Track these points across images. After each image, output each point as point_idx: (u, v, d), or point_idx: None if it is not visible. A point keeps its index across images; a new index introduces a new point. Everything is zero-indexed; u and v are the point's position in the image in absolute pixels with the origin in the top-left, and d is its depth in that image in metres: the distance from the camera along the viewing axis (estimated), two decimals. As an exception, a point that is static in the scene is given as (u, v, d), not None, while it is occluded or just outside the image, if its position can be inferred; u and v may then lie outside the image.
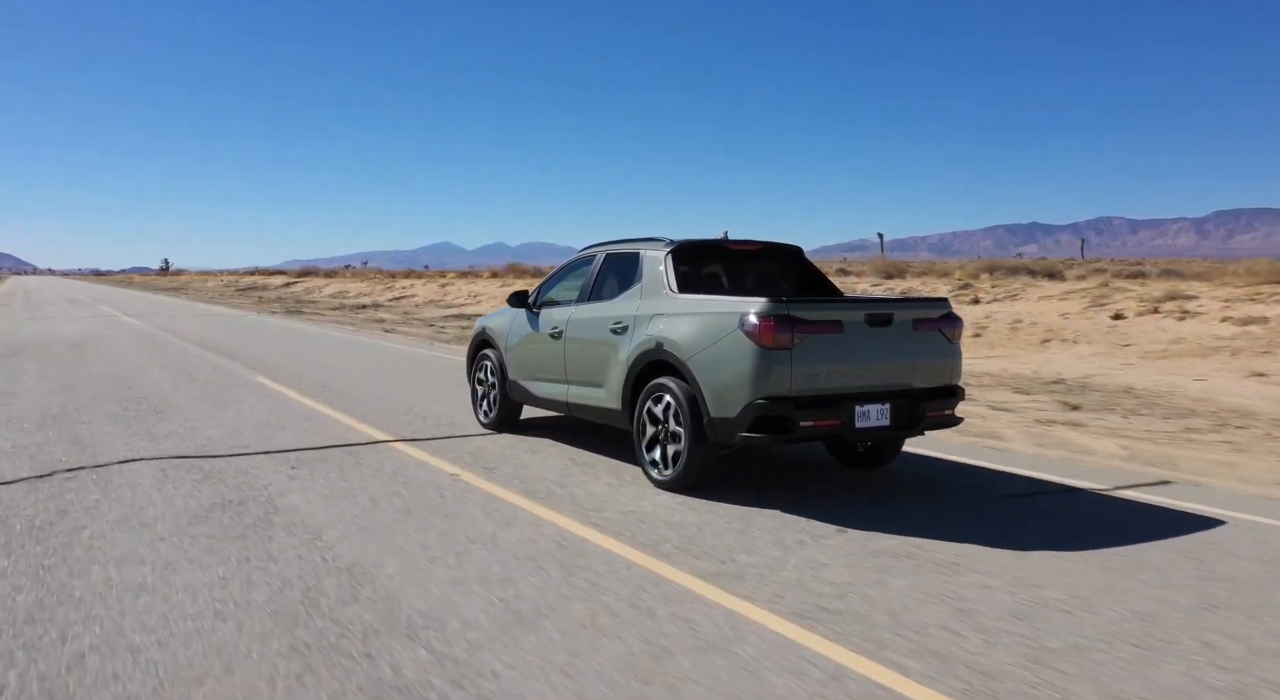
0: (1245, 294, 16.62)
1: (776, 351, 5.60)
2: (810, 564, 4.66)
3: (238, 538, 5.04)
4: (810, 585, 4.33)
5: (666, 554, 4.82)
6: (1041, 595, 4.22)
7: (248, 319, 28.65)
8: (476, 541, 5.01)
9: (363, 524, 5.33)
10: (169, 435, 8.13)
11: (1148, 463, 7.25)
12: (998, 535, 5.18)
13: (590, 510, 5.70)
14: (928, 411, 6.04)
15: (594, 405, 7.11)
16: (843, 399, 5.76)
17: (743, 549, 4.91)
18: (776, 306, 5.65)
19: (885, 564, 4.66)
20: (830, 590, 4.27)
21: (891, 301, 6.28)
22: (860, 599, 4.16)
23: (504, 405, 8.47)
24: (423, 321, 27.52)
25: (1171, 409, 9.89)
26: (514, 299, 8.23)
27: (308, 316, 30.46)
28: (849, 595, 4.20)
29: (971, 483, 6.55)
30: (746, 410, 5.66)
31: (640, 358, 6.49)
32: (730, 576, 4.45)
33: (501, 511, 5.64)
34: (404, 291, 46.52)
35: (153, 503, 5.79)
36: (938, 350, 6.15)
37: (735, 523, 5.44)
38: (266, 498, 5.93)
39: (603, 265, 7.46)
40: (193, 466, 6.85)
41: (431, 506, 5.75)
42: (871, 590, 4.28)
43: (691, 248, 6.92)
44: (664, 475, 6.27)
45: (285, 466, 6.85)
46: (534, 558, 4.73)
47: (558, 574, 4.48)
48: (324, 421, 8.91)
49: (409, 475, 6.60)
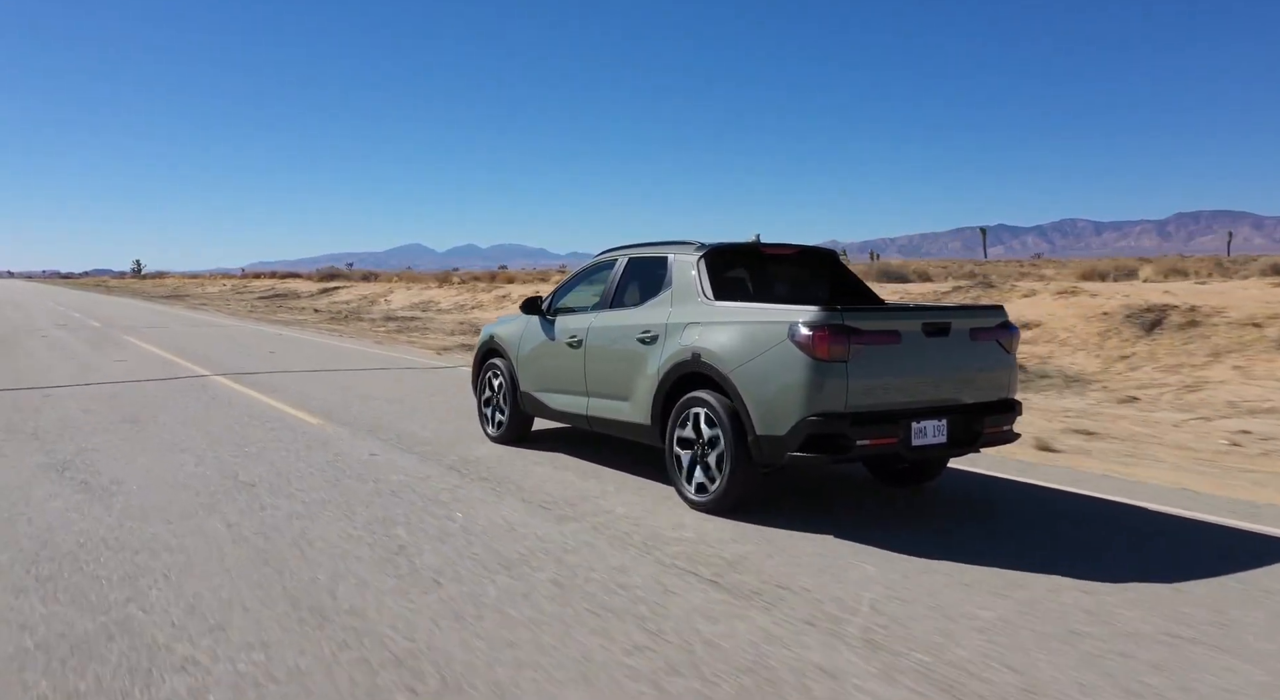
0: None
1: (831, 364, 5.18)
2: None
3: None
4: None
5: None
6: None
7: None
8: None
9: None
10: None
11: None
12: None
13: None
14: (986, 427, 5.65)
15: (618, 420, 6.66)
16: (899, 415, 5.36)
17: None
18: (831, 315, 5.23)
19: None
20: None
21: (948, 309, 5.90)
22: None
23: (514, 418, 7.99)
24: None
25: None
26: (526, 305, 7.75)
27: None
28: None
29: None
30: (798, 428, 5.23)
31: (673, 369, 6.05)
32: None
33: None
34: (505, 294, 34.18)
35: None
36: (995, 361, 5.76)
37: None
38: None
39: (625, 270, 7.01)
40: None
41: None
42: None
43: (725, 252, 6.48)
44: (701, 497, 5.82)
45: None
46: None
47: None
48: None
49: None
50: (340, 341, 20.58)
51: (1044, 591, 4.37)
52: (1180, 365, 12.07)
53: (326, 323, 27.80)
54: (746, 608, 4.15)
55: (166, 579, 4.46)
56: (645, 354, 6.37)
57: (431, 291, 40.59)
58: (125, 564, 4.69)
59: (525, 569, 4.67)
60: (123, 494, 6.13)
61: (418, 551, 4.94)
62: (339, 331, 23.98)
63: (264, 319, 30.43)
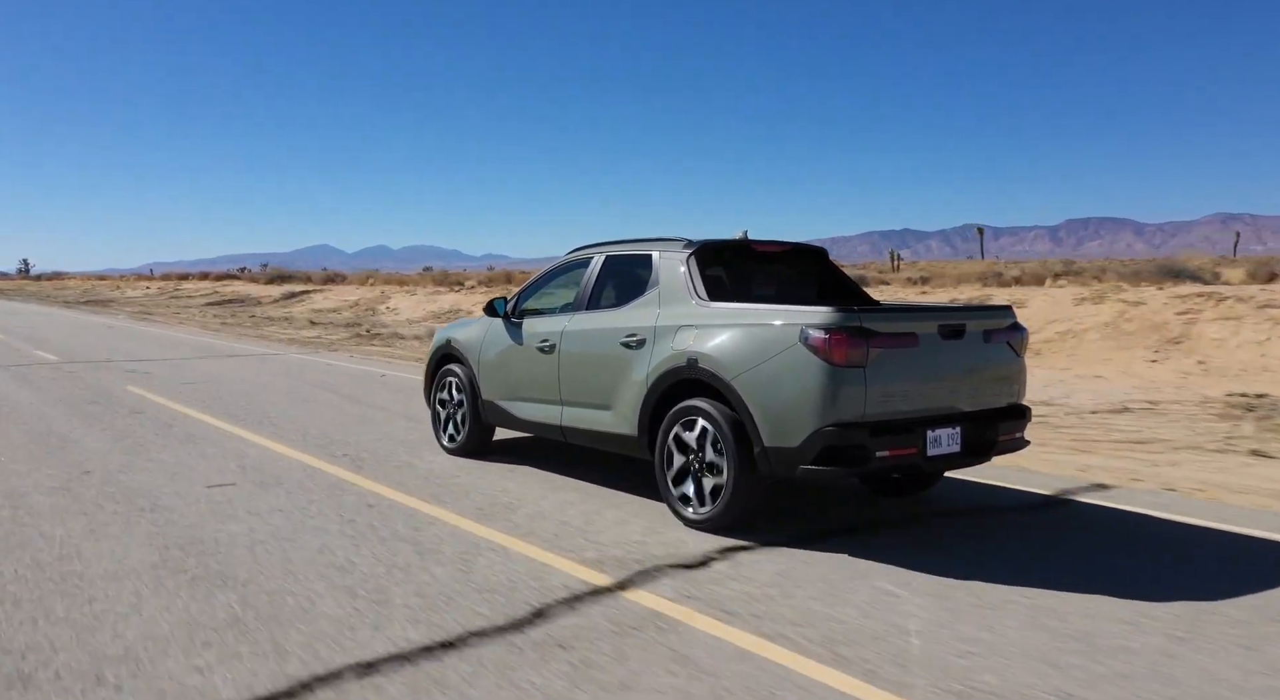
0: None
1: (848, 370, 4.79)
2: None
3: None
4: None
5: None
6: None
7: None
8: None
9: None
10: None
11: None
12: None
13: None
14: (1000, 435, 5.34)
15: (598, 430, 6.15)
16: (915, 423, 5.00)
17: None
18: (847, 316, 4.84)
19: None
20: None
21: (962, 310, 5.58)
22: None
23: (475, 428, 7.39)
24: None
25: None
26: (490, 308, 7.17)
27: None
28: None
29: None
30: (813, 439, 4.82)
31: (665, 376, 5.58)
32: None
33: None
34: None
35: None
36: (1007, 364, 5.48)
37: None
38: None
39: (603, 269, 6.50)
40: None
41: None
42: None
43: (716, 249, 6.04)
44: (699, 513, 5.37)
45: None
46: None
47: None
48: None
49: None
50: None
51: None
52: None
53: (355, 343, 20.52)
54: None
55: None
56: (630, 359, 5.88)
57: (447, 296, 33.10)
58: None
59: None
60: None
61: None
62: (396, 359, 16.92)
63: (268, 338, 22.17)
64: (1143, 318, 15.37)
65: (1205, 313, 14.82)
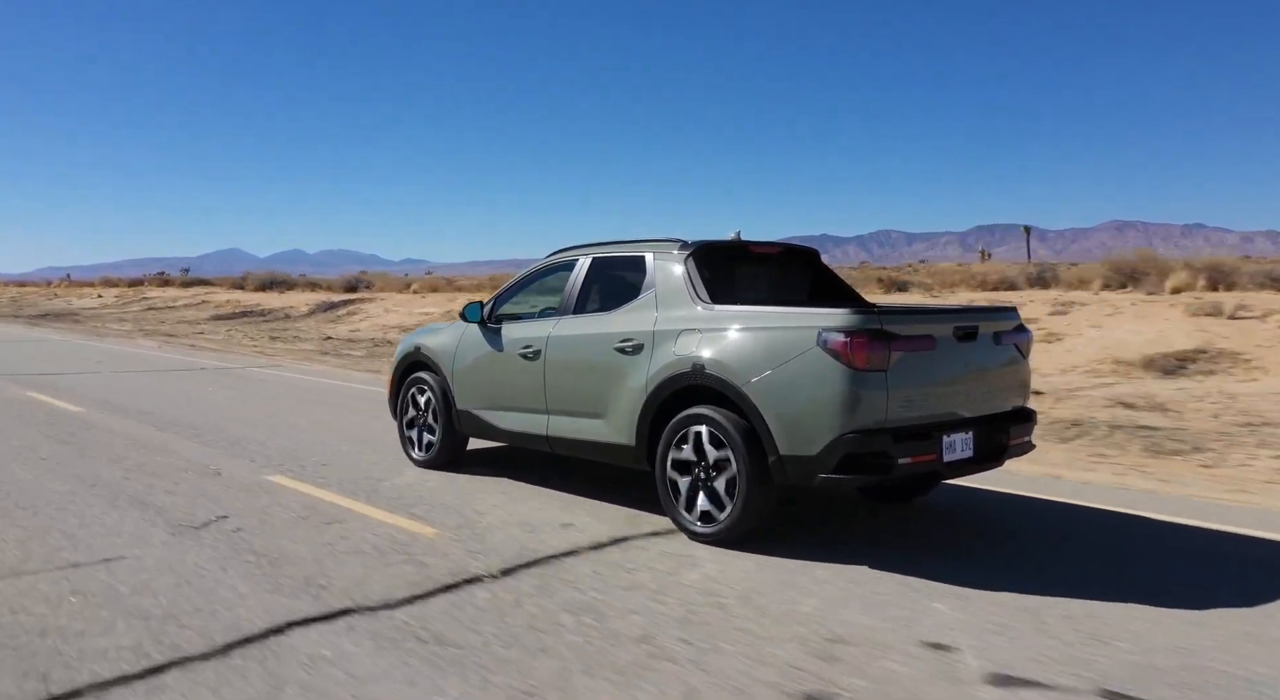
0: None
1: (869, 374, 4.62)
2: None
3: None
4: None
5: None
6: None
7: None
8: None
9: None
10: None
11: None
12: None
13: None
14: (1011, 439, 5.25)
15: (590, 440, 5.85)
16: (932, 428, 4.86)
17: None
18: (868, 319, 4.67)
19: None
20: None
21: (973, 311, 5.47)
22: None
23: (447, 440, 7.01)
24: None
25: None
26: (466, 312, 6.80)
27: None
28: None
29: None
30: (834, 446, 4.63)
31: (667, 383, 5.32)
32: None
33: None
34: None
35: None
36: (1015, 367, 5.39)
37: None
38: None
39: (590, 271, 6.21)
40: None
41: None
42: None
43: (713, 250, 5.81)
44: (707, 527, 5.12)
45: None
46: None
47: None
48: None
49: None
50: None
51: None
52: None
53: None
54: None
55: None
56: (626, 365, 5.61)
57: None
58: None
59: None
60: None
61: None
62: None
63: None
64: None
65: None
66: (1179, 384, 12.02)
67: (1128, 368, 13.20)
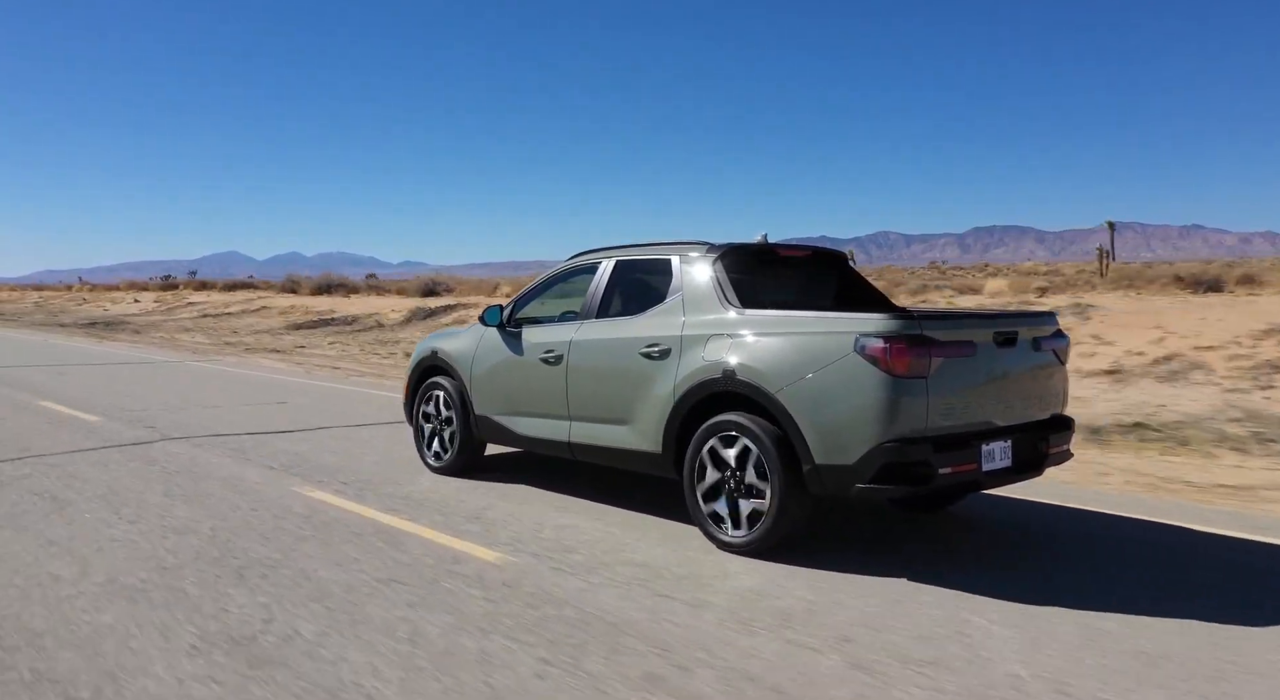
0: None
1: (910, 380, 4.49)
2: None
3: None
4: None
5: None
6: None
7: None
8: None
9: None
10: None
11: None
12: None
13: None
14: (1050, 447, 5.12)
15: (615, 447, 5.72)
16: (971, 437, 4.73)
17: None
18: (908, 324, 4.54)
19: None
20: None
21: (1011, 316, 5.33)
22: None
23: (466, 445, 6.87)
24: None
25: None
26: (485, 316, 6.67)
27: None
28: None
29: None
30: (872, 455, 4.50)
31: (696, 389, 5.19)
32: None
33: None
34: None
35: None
36: (1053, 373, 5.26)
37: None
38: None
39: (613, 275, 6.08)
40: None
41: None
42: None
43: (742, 253, 5.68)
44: (736, 536, 4.99)
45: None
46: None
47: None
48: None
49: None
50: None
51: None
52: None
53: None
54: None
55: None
56: (653, 371, 5.47)
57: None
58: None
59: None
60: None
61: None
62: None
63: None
64: None
65: None
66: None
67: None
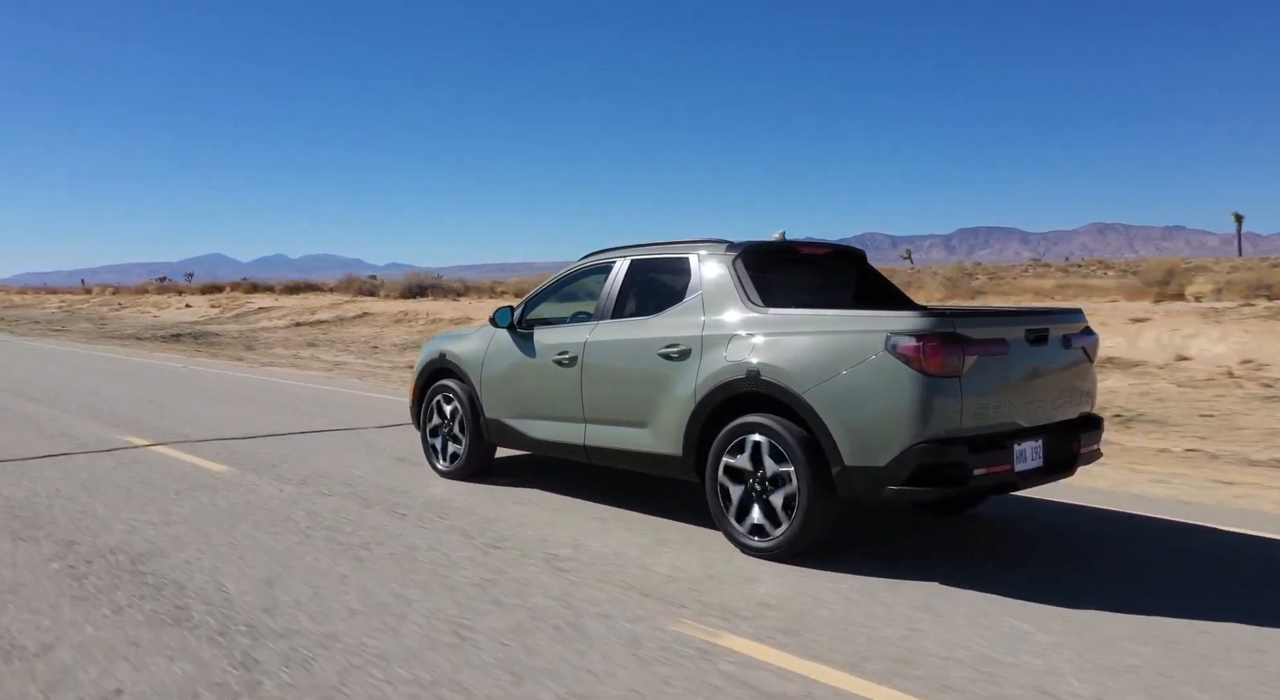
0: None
1: (943, 380, 4.38)
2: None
3: None
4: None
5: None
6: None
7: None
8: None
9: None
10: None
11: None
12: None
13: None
14: (1081, 447, 5.02)
15: (634, 450, 5.58)
16: (1003, 437, 4.62)
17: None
18: (941, 321, 4.43)
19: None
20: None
21: (1042, 312, 5.23)
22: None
23: (475, 449, 6.72)
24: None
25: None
26: (496, 317, 6.52)
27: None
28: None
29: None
30: (905, 456, 4.39)
31: (719, 390, 5.06)
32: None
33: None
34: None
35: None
36: (1082, 371, 5.17)
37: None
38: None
39: (628, 274, 5.95)
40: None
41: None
42: None
43: (762, 250, 5.56)
44: (762, 541, 4.87)
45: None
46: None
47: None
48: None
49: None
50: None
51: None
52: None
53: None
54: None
55: None
56: (672, 372, 5.34)
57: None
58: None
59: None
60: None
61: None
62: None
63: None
64: None
65: None
66: None
67: None
